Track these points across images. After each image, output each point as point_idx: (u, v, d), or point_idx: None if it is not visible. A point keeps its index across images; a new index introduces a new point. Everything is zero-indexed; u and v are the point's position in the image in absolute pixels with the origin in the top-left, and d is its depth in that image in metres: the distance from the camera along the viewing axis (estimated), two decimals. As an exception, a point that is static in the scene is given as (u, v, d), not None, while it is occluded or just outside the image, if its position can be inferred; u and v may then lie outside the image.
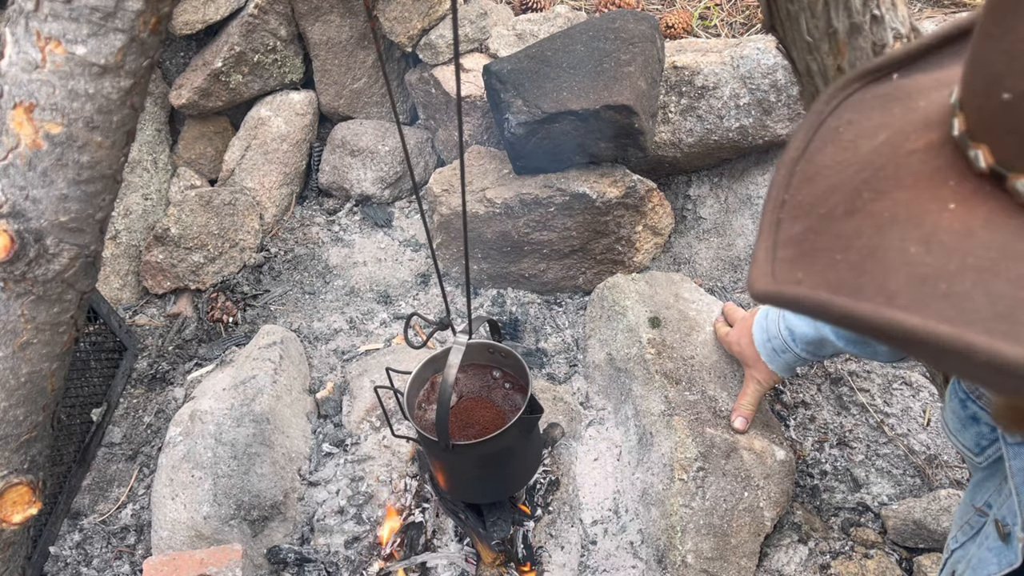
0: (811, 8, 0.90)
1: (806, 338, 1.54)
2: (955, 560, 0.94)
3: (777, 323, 1.60)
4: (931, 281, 0.41)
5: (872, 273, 0.43)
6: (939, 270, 0.41)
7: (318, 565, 1.76)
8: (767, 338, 1.63)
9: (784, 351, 1.59)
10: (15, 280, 1.04)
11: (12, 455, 1.17)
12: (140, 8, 0.95)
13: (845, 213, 0.47)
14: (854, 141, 0.52)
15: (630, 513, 1.80)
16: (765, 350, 1.64)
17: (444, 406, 1.38)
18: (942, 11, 2.50)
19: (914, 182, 0.45)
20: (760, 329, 1.65)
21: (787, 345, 1.58)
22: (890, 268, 0.43)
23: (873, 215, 0.45)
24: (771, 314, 1.63)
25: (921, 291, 0.41)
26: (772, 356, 1.63)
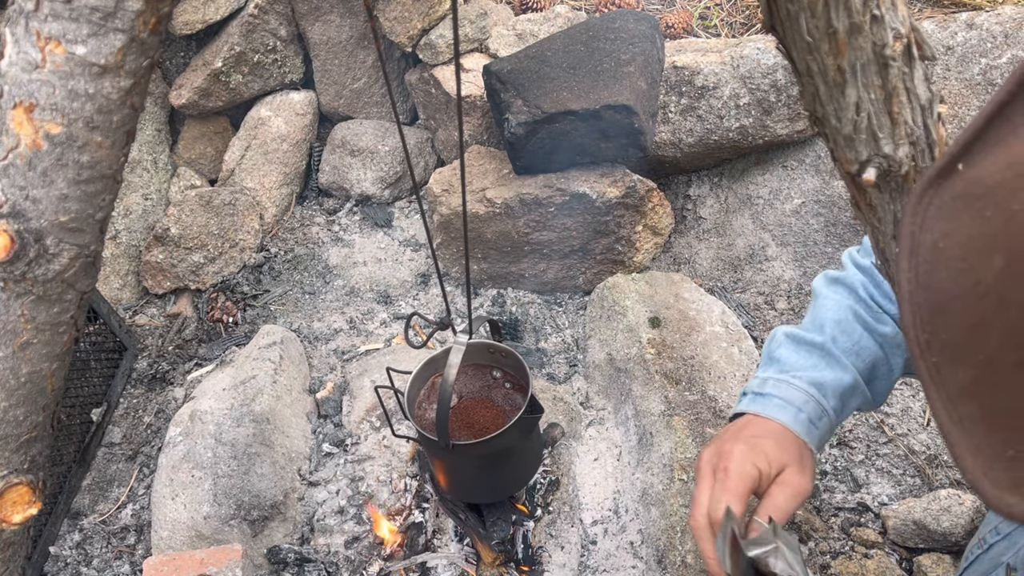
0: (811, 8, 0.90)
1: (841, 386, 1.05)
2: (999, 551, 0.93)
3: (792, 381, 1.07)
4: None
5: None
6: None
7: (318, 565, 1.76)
8: (796, 409, 1.04)
9: (820, 417, 1.05)
10: (15, 280, 1.04)
11: (12, 455, 1.17)
12: (140, 8, 0.95)
13: (1015, 365, 0.46)
14: (966, 260, 0.50)
15: (630, 513, 1.80)
16: (800, 425, 1.03)
17: (444, 406, 1.38)
18: (942, 11, 2.50)
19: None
20: (780, 405, 1.05)
21: (822, 408, 1.05)
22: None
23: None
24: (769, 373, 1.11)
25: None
26: (810, 430, 1.03)
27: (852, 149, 1.00)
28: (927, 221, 0.54)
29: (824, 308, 1.11)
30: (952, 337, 0.50)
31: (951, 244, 0.52)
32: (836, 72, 0.94)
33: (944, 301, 0.51)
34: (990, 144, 0.53)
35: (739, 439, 0.98)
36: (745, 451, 0.95)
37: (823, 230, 2.36)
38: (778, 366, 1.10)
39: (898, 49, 0.92)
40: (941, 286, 0.51)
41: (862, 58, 0.93)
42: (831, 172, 2.39)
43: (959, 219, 0.52)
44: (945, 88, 2.29)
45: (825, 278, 1.16)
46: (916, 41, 0.95)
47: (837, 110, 0.98)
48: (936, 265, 0.52)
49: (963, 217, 0.52)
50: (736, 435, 1.00)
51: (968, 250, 0.50)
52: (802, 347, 1.10)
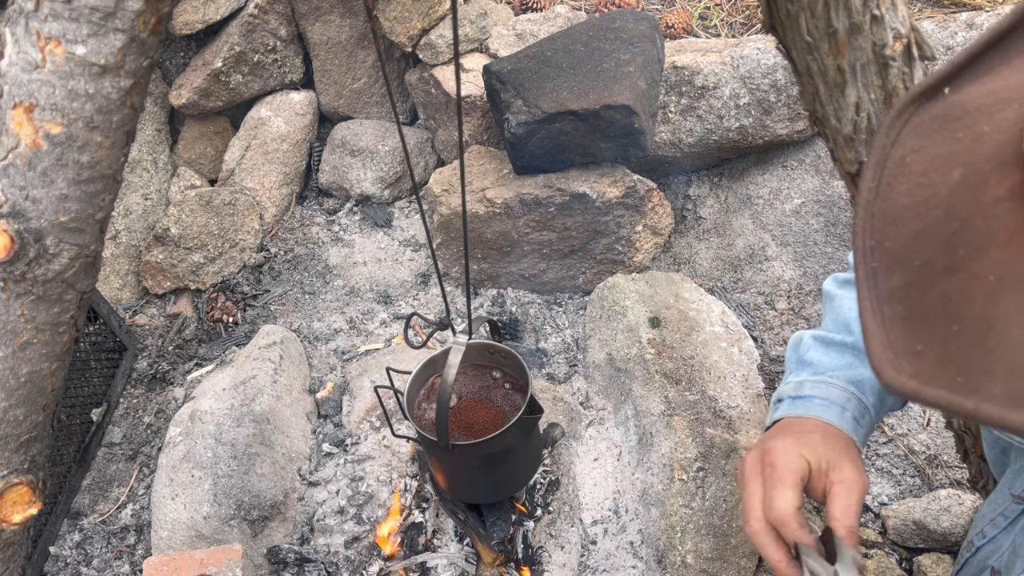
0: (811, 8, 0.90)
1: (877, 384, 1.00)
2: (985, 555, 0.94)
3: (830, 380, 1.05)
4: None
5: (998, 352, 0.43)
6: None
7: (318, 565, 1.76)
8: (840, 408, 1.02)
9: (863, 414, 1.03)
10: (15, 280, 1.04)
11: (12, 455, 1.17)
12: (140, 8, 0.95)
13: (945, 270, 0.47)
14: (927, 175, 0.51)
15: (630, 513, 1.80)
16: (847, 423, 1.01)
17: (444, 406, 1.38)
18: (942, 11, 2.50)
19: (1009, 237, 0.45)
20: (824, 404, 1.02)
21: (864, 406, 1.03)
22: (1016, 345, 0.42)
23: (977, 277, 0.45)
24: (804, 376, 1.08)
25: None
26: (855, 428, 1.01)
27: (852, 149, 1.00)
28: (901, 137, 0.55)
29: (844, 308, 1.10)
30: (895, 244, 0.51)
31: (917, 160, 0.53)
32: (836, 72, 0.94)
33: (897, 211, 0.52)
34: (981, 72, 0.54)
35: (783, 435, 0.95)
36: (791, 443, 0.92)
37: (823, 230, 2.36)
38: (811, 369, 1.07)
39: (898, 49, 0.92)
40: (898, 198, 0.52)
41: (862, 58, 0.93)
42: (831, 172, 2.38)
43: (931, 138, 0.53)
44: (945, 88, 2.29)
45: (835, 280, 1.15)
46: (916, 41, 0.95)
47: (837, 110, 0.98)
48: (899, 178, 0.53)
49: (936, 136, 0.53)
50: (778, 433, 0.97)
51: (931, 166, 0.52)
52: (832, 348, 1.08)
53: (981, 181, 0.48)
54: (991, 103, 0.51)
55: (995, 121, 0.50)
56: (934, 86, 0.55)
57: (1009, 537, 0.90)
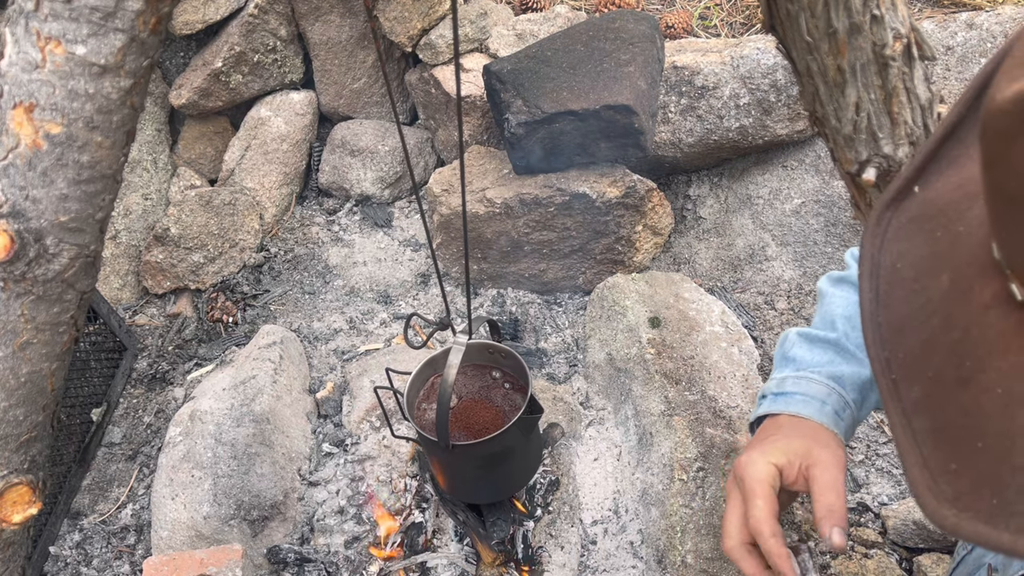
0: (811, 8, 0.90)
1: (860, 379, 1.06)
2: (982, 552, 0.94)
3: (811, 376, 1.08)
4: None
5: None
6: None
7: (318, 565, 1.76)
8: (820, 402, 1.06)
9: (843, 408, 1.06)
10: (15, 280, 1.04)
11: (12, 455, 1.17)
12: (140, 8, 0.95)
13: (957, 383, 0.47)
14: (918, 280, 0.52)
15: (630, 513, 1.80)
16: (827, 417, 1.05)
17: (444, 406, 1.38)
18: (942, 11, 2.50)
19: (1006, 345, 0.45)
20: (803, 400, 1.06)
21: (844, 400, 1.06)
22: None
23: (987, 390, 0.46)
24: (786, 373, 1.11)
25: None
26: (836, 421, 1.05)
27: (852, 149, 1.00)
28: (886, 243, 0.56)
29: (833, 306, 1.11)
30: (907, 355, 0.52)
31: (906, 265, 0.54)
32: (836, 72, 0.94)
33: (900, 320, 0.53)
34: (944, 164, 0.55)
35: (751, 448, 0.98)
36: (755, 455, 0.95)
37: (823, 230, 2.36)
38: (794, 365, 1.09)
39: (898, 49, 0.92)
40: (898, 306, 0.53)
41: (862, 58, 0.93)
42: (831, 172, 2.38)
43: (913, 240, 0.54)
44: (945, 88, 2.29)
45: (829, 279, 1.16)
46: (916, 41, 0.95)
47: (837, 110, 0.98)
48: (894, 285, 0.54)
49: (917, 238, 0.54)
50: (750, 447, 1.00)
51: (920, 271, 0.52)
52: (816, 344, 1.09)
53: (968, 287, 0.48)
54: (959, 199, 0.52)
55: (967, 220, 0.51)
56: (904, 187, 0.56)
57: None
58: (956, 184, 0.53)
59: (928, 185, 0.55)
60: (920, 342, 0.51)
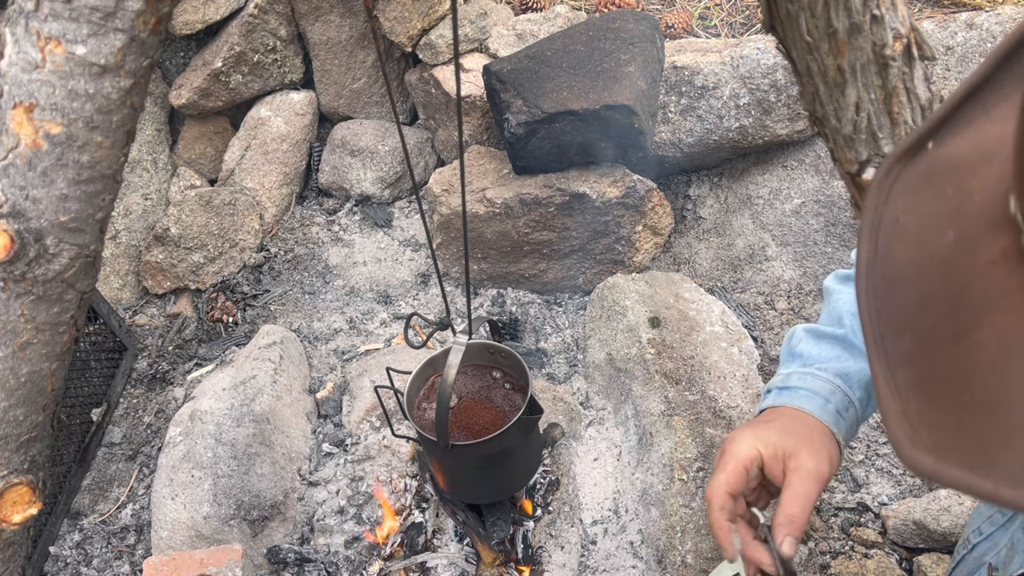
0: (811, 8, 0.90)
1: (866, 377, 1.04)
2: (982, 552, 0.94)
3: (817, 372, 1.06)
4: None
5: (1012, 424, 0.43)
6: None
7: (318, 565, 1.76)
8: (824, 399, 1.04)
9: (847, 408, 1.04)
10: (15, 280, 1.04)
11: (12, 455, 1.17)
12: (140, 8, 0.95)
13: (950, 337, 0.47)
14: (921, 235, 0.52)
15: (630, 513, 1.80)
16: (828, 415, 1.03)
17: (444, 406, 1.38)
18: (942, 11, 2.50)
19: (1009, 303, 0.45)
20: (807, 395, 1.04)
21: (848, 399, 1.04)
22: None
23: (981, 346, 0.45)
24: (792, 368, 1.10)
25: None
26: (837, 420, 1.03)
27: (852, 149, 1.00)
28: (891, 197, 0.55)
29: (840, 302, 1.11)
30: (900, 308, 0.51)
31: (910, 219, 0.53)
32: (836, 72, 0.94)
33: (897, 274, 0.52)
34: (961, 124, 0.54)
35: (746, 426, 0.99)
36: (746, 433, 0.96)
37: (823, 230, 2.36)
38: (801, 360, 1.09)
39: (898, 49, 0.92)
40: (896, 260, 0.53)
41: (862, 58, 0.93)
42: (831, 172, 2.38)
43: (921, 196, 0.53)
44: (945, 88, 2.29)
45: (836, 276, 1.17)
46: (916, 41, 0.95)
47: (837, 110, 0.98)
48: (894, 240, 0.53)
49: (925, 194, 0.53)
50: (746, 425, 1.01)
51: (924, 226, 0.52)
52: (823, 340, 1.09)
53: (974, 244, 0.48)
54: (974, 158, 0.51)
55: (980, 178, 0.50)
56: (918, 142, 0.56)
57: (1007, 534, 0.90)
58: (973, 143, 0.52)
59: (943, 143, 0.54)
60: (915, 296, 0.50)
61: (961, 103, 0.54)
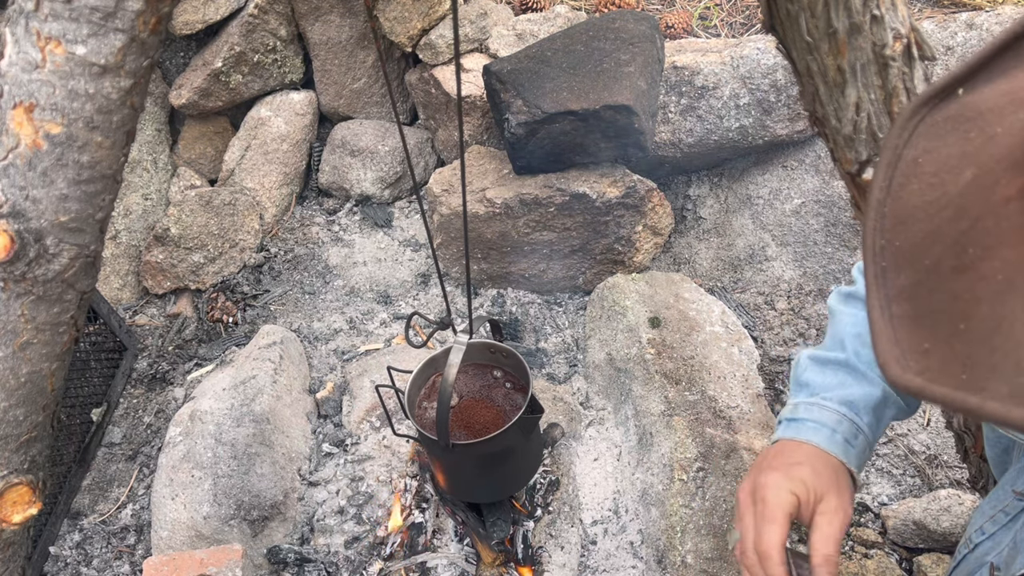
0: (811, 8, 0.90)
1: (872, 401, 1.04)
2: (984, 551, 0.94)
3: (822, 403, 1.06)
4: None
5: (1004, 350, 0.44)
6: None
7: (318, 565, 1.76)
8: (831, 430, 1.03)
9: (855, 435, 1.04)
10: (15, 280, 1.04)
11: (12, 455, 1.17)
12: (140, 8, 0.95)
13: (953, 270, 0.48)
14: (938, 175, 0.52)
15: (630, 513, 1.80)
16: (837, 446, 1.02)
17: (444, 405, 1.38)
18: (942, 11, 2.50)
19: (1019, 237, 0.45)
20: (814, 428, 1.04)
21: (856, 426, 1.04)
22: (1022, 343, 0.43)
23: (985, 278, 0.46)
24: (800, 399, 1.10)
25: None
26: (846, 450, 1.02)
27: (852, 149, 1.00)
28: (914, 138, 0.55)
29: (842, 324, 1.12)
30: (904, 244, 0.52)
31: (929, 160, 0.53)
32: (836, 72, 0.94)
33: (908, 211, 0.53)
34: (995, 74, 0.54)
35: (774, 468, 0.99)
36: (780, 479, 0.96)
37: (823, 230, 2.36)
38: (807, 390, 1.10)
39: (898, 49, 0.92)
40: (909, 198, 0.53)
41: (862, 58, 0.93)
42: (831, 172, 2.38)
43: (944, 139, 0.53)
44: (945, 88, 2.28)
45: (838, 295, 1.17)
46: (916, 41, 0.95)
47: (837, 110, 0.98)
48: (910, 178, 0.54)
49: (949, 137, 0.53)
50: (771, 464, 1.01)
51: (943, 166, 0.52)
52: (827, 367, 1.10)
53: (992, 182, 0.48)
54: (1004, 104, 0.51)
55: (1008, 122, 0.50)
56: (948, 87, 0.55)
57: (1009, 534, 0.90)
58: (1005, 91, 0.52)
59: (974, 90, 0.54)
60: (923, 232, 0.51)
61: (998, 53, 0.54)
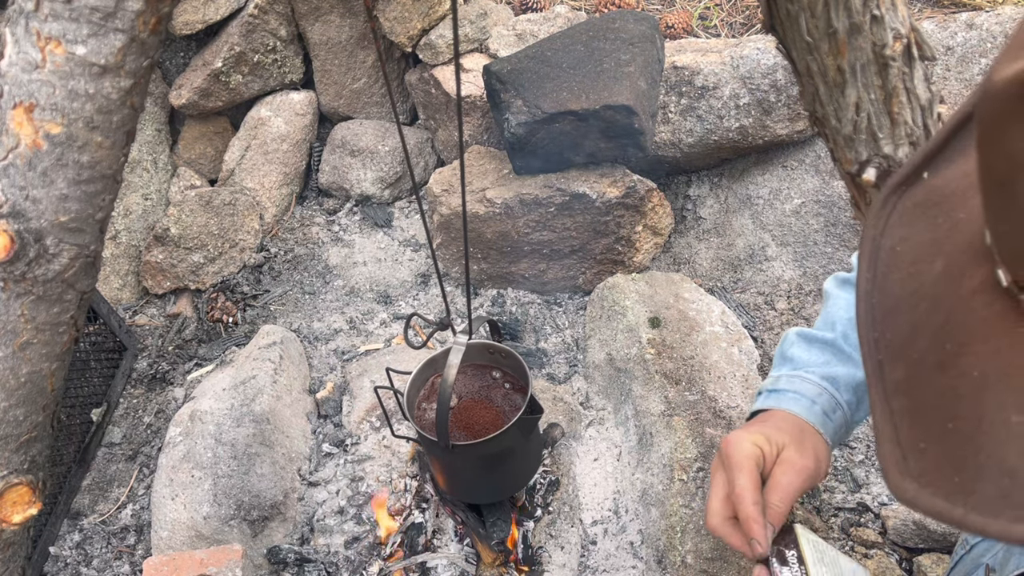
0: (811, 8, 0.90)
1: (855, 381, 1.06)
2: (979, 552, 0.95)
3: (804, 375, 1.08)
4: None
5: (987, 450, 0.44)
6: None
7: (318, 565, 1.76)
8: (810, 401, 1.05)
9: (834, 410, 1.05)
10: (15, 280, 1.04)
11: (12, 455, 1.17)
12: (140, 8, 0.95)
13: (936, 366, 0.48)
14: (915, 264, 0.53)
15: (630, 513, 1.80)
16: (815, 416, 1.04)
17: (444, 406, 1.38)
18: (942, 11, 2.50)
19: (988, 332, 0.46)
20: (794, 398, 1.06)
21: (835, 401, 1.05)
22: (1001, 443, 0.44)
23: (964, 374, 0.46)
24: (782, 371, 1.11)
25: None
26: (824, 421, 1.04)
27: (852, 149, 1.00)
28: (888, 227, 0.56)
29: (835, 307, 1.13)
30: (895, 337, 0.53)
31: (906, 249, 0.54)
32: (836, 72, 0.94)
33: (893, 303, 0.54)
34: (955, 154, 0.55)
35: (738, 430, 1.01)
36: (741, 434, 0.98)
37: (823, 230, 2.36)
38: (791, 364, 1.11)
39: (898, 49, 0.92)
40: (892, 289, 0.54)
41: (862, 58, 0.93)
42: (831, 172, 2.38)
43: (916, 226, 0.55)
44: (945, 88, 2.29)
45: (835, 279, 1.18)
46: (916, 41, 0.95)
47: (837, 110, 0.98)
48: (892, 268, 0.55)
49: (919, 224, 0.54)
50: (737, 429, 1.04)
51: (918, 255, 0.53)
52: (814, 345, 1.11)
53: (959, 273, 0.49)
54: (965, 187, 0.52)
55: (969, 207, 0.51)
56: (914, 172, 0.57)
57: None
58: (964, 172, 0.53)
59: (937, 172, 0.56)
60: (909, 325, 0.52)
61: (955, 132, 0.55)
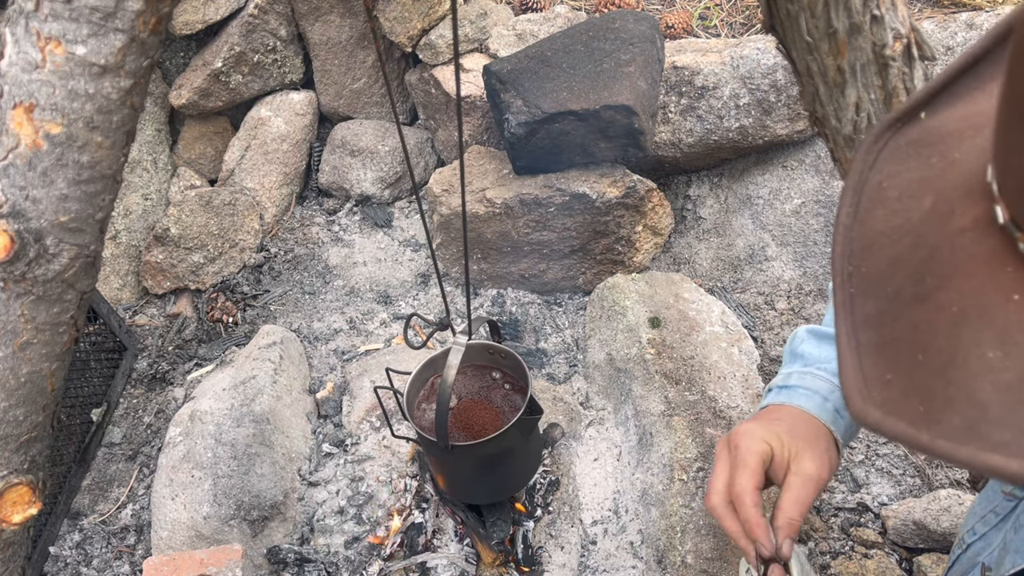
0: (811, 8, 0.90)
1: None
2: (976, 551, 0.94)
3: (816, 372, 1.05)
4: (1015, 388, 0.42)
5: (958, 383, 0.44)
6: (1021, 374, 0.42)
7: (318, 565, 1.76)
8: (822, 398, 1.02)
9: (846, 408, 1.02)
10: (15, 280, 1.04)
11: (12, 455, 1.17)
12: (140, 8, 0.95)
13: (914, 299, 0.48)
14: (901, 200, 0.53)
15: (630, 513, 1.80)
16: (827, 413, 1.01)
17: (443, 407, 1.38)
18: (942, 11, 2.50)
19: (973, 268, 0.46)
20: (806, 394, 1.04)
21: None
22: (974, 376, 0.43)
23: (942, 308, 0.46)
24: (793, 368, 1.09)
25: (1007, 399, 0.42)
26: (836, 419, 1.01)
27: (852, 149, 1.00)
28: (878, 162, 0.56)
29: None
30: (871, 270, 0.52)
31: (893, 185, 0.54)
32: (836, 72, 0.95)
33: (873, 237, 0.53)
34: (956, 97, 0.55)
35: (753, 420, 0.99)
36: (755, 428, 0.96)
37: (823, 230, 2.36)
38: (802, 361, 1.10)
39: (898, 49, 0.92)
40: (874, 224, 0.53)
41: (862, 58, 0.93)
42: (831, 172, 2.38)
43: (907, 163, 0.54)
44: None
45: None
46: (916, 41, 0.95)
47: (837, 110, 0.98)
48: (875, 203, 0.54)
49: (911, 162, 0.54)
50: (753, 419, 1.01)
51: (905, 192, 0.53)
52: (824, 341, 1.10)
53: (949, 210, 0.49)
54: (964, 129, 0.52)
55: (966, 148, 0.51)
56: (911, 111, 0.56)
57: (1000, 534, 0.90)
58: (964, 115, 0.53)
59: (935, 114, 0.55)
60: (887, 259, 0.51)
61: (958, 76, 0.55)
